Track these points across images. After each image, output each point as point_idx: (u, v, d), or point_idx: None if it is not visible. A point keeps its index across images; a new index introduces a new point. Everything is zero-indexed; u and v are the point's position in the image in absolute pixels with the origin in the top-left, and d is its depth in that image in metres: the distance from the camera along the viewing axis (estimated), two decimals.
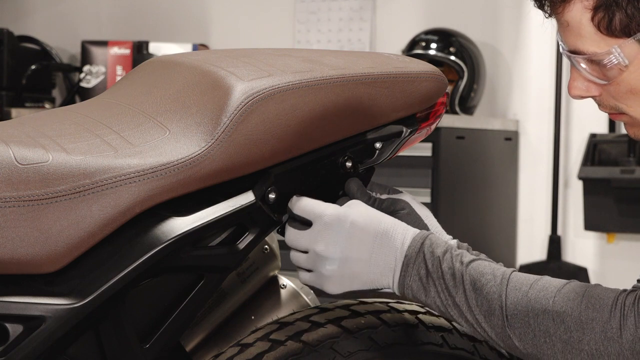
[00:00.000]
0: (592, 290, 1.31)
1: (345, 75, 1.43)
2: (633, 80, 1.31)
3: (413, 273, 1.37)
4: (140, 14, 4.69)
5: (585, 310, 1.29)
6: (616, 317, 1.28)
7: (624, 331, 1.27)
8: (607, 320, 1.28)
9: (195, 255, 1.36)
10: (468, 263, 1.35)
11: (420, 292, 1.36)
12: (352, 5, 4.29)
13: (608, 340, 1.28)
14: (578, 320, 1.29)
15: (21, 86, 4.32)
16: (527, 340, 1.32)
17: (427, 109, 1.53)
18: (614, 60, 1.30)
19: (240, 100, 1.36)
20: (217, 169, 1.34)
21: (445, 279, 1.35)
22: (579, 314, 1.30)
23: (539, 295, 1.32)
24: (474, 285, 1.34)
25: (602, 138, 3.76)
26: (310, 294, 1.73)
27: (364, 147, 1.49)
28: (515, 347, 1.33)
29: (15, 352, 1.27)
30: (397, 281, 1.37)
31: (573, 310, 1.30)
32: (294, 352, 1.43)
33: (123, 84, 1.55)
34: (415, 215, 1.46)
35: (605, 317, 1.28)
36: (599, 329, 1.29)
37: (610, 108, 1.37)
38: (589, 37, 1.31)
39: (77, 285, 1.30)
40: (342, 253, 1.38)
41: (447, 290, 1.35)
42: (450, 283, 1.34)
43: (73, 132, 1.36)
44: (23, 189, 1.27)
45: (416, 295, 1.37)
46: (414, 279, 1.37)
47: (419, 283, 1.36)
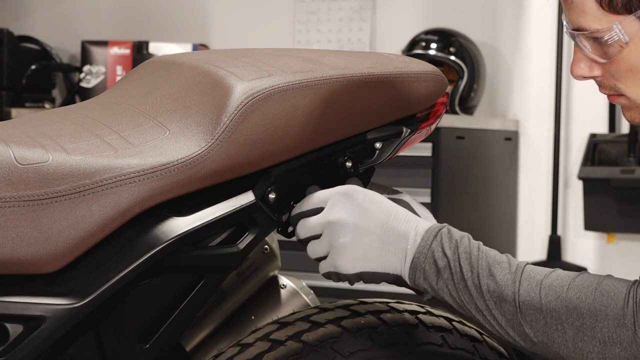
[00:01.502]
0: (606, 280, 1.32)
1: (345, 75, 1.43)
2: (633, 58, 1.33)
3: (428, 255, 1.37)
4: (140, 14, 4.69)
5: (599, 298, 1.30)
6: (629, 305, 1.29)
7: (637, 319, 1.28)
8: (622, 308, 1.29)
9: (195, 255, 1.36)
10: (485, 251, 1.36)
11: (432, 276, 1.36)
12: (352, 5, 4.29)
13: (621, 327, 1.29)
14: (592, 307, 1.30)
15: (21, 86, 4.32)
16: (539, 328, 1.32)
17: (427, 109, 1.53)
18: (615, 37, 1.32)
19: (240, 100, 1.36)
20: (217, 169, 1.34)
21: (461, 262, 1.35)
22: (592, 301, 1.30)
23: (553, 284, 1.32)
24: (489, 271, 1.34)
25: (602, 138, 3.76)
26: (310, 294, 1.73)
27: (364, 147, 1.49)
28: (525, 335, 1.33)
29: (15, 352, 1.27)
30: (410, 263, 1.38)
31: (587, 297, 1.31)
32: (294, 352, 1.43)
33: (123, 84, 1.55)
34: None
35: (619, 304, 1.29)
36: (612, 316, 1.29)
37: (609, 89, 1.38)
38: (592, 13, 1.33)
39: (77, 285, 1.30)
40: (356, 220, 1.38)
41: (461, 273, 1.35)
42: (466, 267, 1.35)
43: (73, 132, 1.36)
44: (23, 189, 1.27)
45: (428, 278, 1.36)
46: (429, 262, 1.36)
47: (433, 266, 1.36)
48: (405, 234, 1.38)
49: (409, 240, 1.38)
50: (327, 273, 1.41)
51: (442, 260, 1.36)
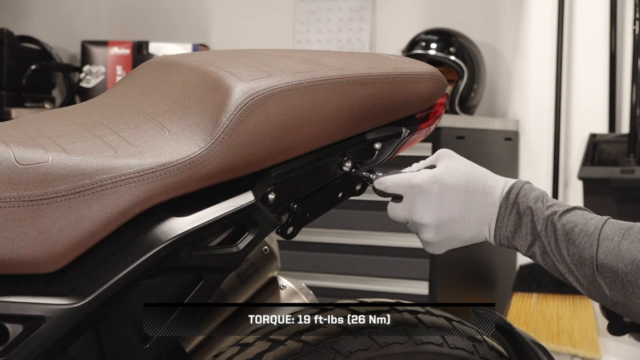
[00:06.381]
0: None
1: (345, 75, 1.43)
2: None
3: (509, 224, 1.40)
4: (140, 14, 4.69)
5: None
6: None
7: None
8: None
9: (195, 255, 1.36)
10: (562, 213, 1.38)
11: (518, 243, 1.41)
12: (352, 5, 4.29)
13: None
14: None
15: (21, 86, 4.32)
16: (617, 290, 1.34)
17: (427, 110, 1.53)
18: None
19: (240, 101, 1.36)
20: (217, 169, 1.34)
21: (537, 229, 1.38)
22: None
23: (630, 247, 1.33)
24: (567, 235, 1.37)
25: (602, 138, 3.76)
26: (310, 294, 1.74)
27: (364, 148, 1.49)
28: (605, 296, 1.35)
29: (15, 352, 1.27)
30: (494, 233, 1.42)
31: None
32: (294, 351, 1.43)
33: (123, 84, 1.55)
34: None
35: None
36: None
37: None
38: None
39: (77, 285, 1.30)
40: (436, 219, 1.42)
41: (539, 239, 1.38)
42: (543, 233, 1.38)
43: (73, 133, 1.37)
44: (23, 189, 1.27)
45: (512, 245, 1.41)
46: (509, 229, 1.41)
47: (514, 234, 1.40)
48: (486, 206, 1.42)
49: (491, 213, 1.42)
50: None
51: (530, 229, 1.39)
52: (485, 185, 1.42)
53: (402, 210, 1.45)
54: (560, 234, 1.37)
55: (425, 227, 1.43)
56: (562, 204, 1.40)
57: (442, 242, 1.44)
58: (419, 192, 1.43)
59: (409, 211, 1.44)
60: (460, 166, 1.44)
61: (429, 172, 1.44)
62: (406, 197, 1.44)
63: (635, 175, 3.60)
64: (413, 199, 1.43)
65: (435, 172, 1.43)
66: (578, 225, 1.37)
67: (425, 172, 1.44)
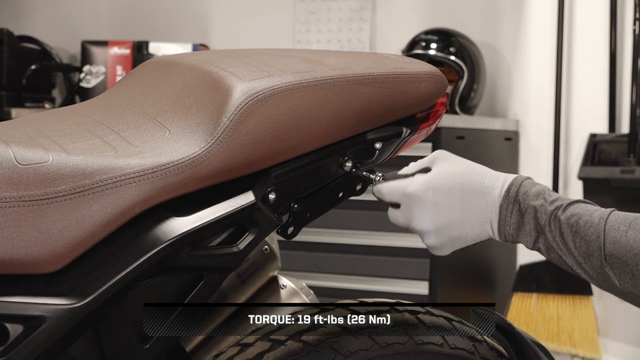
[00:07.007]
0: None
1: (345, 75, 1.43)
2: None
3: (512, 222, 1.40)
4: (140, 14, 4.69)
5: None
6: None
7: None
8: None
9: (195, 255, 1.36)
10: (566, 206, 1.38)
11: (523, 239, 1.41)
12: (352, 5, 4.29)
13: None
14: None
15: (21, 86, 4.32)
16: (626, 280, 1.33)
17: (427, 110, 1.53)
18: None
19: (241, 101, 1.36)
20: (217, 169, 1.34)
21: (541, 224, 1.38)
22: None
23: (638, 237, 1.33)
24: (572, 228, 1.36)
25: (602, 138, 3.76)
26: (310, 294, 1.73)
27: (364, 148, 1.49)
28: (615, 287, 1.35)
29: (15, 352, 1.27)
30: (497, 231, 1.42)
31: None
32: (294, 351, 1.43)
33: (123, 84, 1.55)
34: None
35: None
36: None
37: None
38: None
39: (77, 285, 1.30)
40: (434, 224, 1.42)
41: (543, 235, 1.38)
42: (547, 228, 1.38)
43: (73, 133, 1.36)
44: (23, 189, 1.27)
45: (517, 241, 1.42)
46: (513, 227, 1.40)
47: (517, 231, 1.40)
48: (486, 207, 1.41)
49: (492, 212, 1.41)
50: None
51: (532, 225, 1.39)
52: (483, 185, 1.42)
53: (401, 216, 1.46)
54: (565, 227, 1.36)
55: (425, 233, 1.44)
56: (565, 198, 1.39)
57: (445, 245, 1.44)
58: (414, 200, 1.43)
59: (407, 218, 1.45)
60: (455, 168, 1.43)
61: (423, 178, 1.43)
62: (403, 205, 1.45)
63: (635, 175, 3.60)
64: (409, 207, 1.44)
65: (428, 178, 1.43)
66: (583, 217, 1.36)
67: (418, 179, 1.43)
